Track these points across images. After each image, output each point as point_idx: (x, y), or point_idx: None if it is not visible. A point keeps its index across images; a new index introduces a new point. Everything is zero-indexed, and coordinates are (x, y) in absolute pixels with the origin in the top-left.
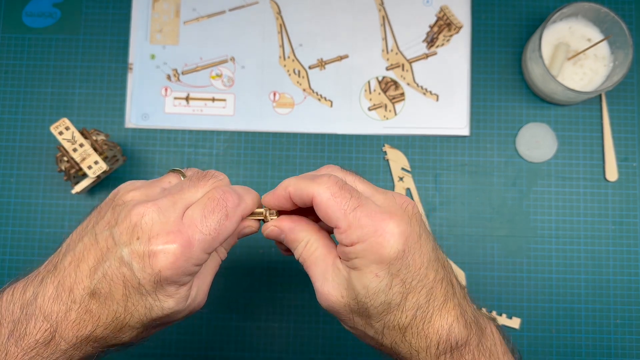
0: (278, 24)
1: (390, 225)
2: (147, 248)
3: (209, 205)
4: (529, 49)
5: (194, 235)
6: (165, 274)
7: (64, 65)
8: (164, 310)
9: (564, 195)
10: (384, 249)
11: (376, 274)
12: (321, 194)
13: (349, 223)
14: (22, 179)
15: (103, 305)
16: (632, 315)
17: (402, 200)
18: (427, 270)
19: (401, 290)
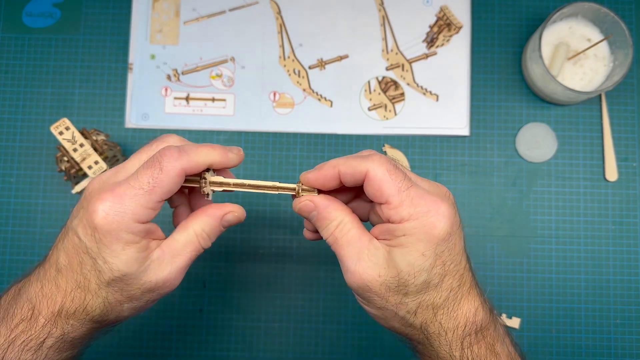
0: (278, 24)
1: (442, 207)
2: (85, 212)
3: (145, 163)
4: (529, 49)
5: (125, 190)
6: (101, 229)
7: (64, 65)
8: (113, 272)
9: (564, 195)
10: (435, 228)
11: (423, 252)
12: (376, 170)
13: (401, 200)
14: (22, 179)
15: (66, 277)
16: (632, 315)
17: (445, 189)
18: (461, 257)
19: (440, 272)
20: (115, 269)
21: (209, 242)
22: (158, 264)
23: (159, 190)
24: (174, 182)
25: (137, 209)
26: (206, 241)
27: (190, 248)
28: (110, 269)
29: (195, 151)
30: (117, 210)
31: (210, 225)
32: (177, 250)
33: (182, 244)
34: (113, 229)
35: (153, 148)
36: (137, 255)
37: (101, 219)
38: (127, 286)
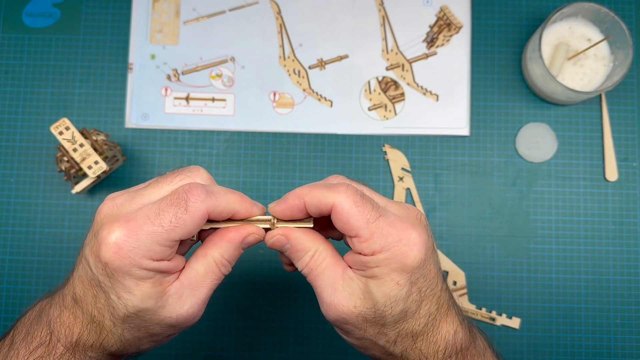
0: (278, 24)
1: (413, 234)
2: (96, 241)
3: (168, 199)
4: (529, 49)
5: (142, 225)
6: (112, 264)
7: (64, 65)
8: (128, 308)
9: (564, 195)
10: (407, 258)
11: (397, 282)
12: (342, 203)
13: (371, 232)
14: (22, 179)
15: (82, 309)
16: (632, 315)
17: (416, 211)
18: (437, 280)
19: (417, 299)
20: (130, 305)
21: (230, 268)
22: (177, 298)
23: (180, 231)
24: (196, 225)
25: (153, 247)
26: (227, 268)
27: (210, 277)
28: (125, 305)
29: (223, 197)
30: (131, 245)
31: (229, 250)
32: (198, 282)
33: (202, 275)
34: (125, 265)
35: (177, 181)
36: (152, 291)
37: (112, 253)
38: (144, 322)
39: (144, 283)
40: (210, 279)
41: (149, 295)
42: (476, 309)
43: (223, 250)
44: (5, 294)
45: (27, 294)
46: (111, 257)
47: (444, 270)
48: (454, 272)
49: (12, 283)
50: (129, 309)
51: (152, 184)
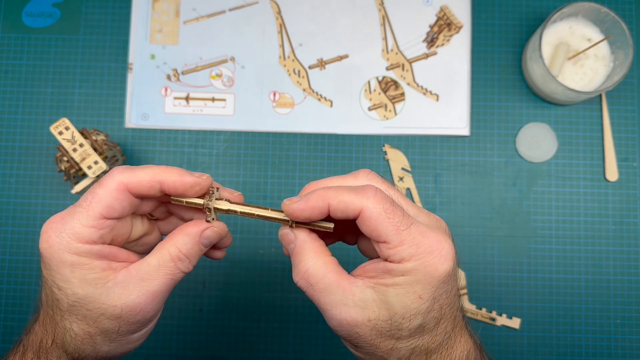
0: (278, 24)
1: (446, 247)
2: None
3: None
4: (529, 49)
5: (69, 211)
6: (45, 253)
7: (64, 65)
8: (68, 297)
9: (564, 195)
10: (436, 270)
11: (420, 295)
12: (371, 209)
13: (401, 240)
14: (22, 179)
15: (43, 311)
16: (632, 315)
17: (443, 223)
18: (456, 297)
19: (437, 316)
20: (70, 293)
21: (188, 264)
22: (123, 286)
23: (97, 204)
24: (113, 196)
25: (77, 228)
26: (185, 263)
27: (164, 271)
28: (66, 294)
29: (143, 168)
30: (57, 230)
31: (186, 245)
32: (148, 273)
33: (154, 267)
34: (54, 251)
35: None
36: (91, 277)
37: (44, 242)
38: (89, 312)
39: (79, 269)
40: (164, 273)
41: (87, 282)
42: (476, 309)
43: (180, 243)
44: (5, 294)
45: (27, 294)
46: (43, 246)
47: None
48: None
49: (12, 283)
50: (69, 297)
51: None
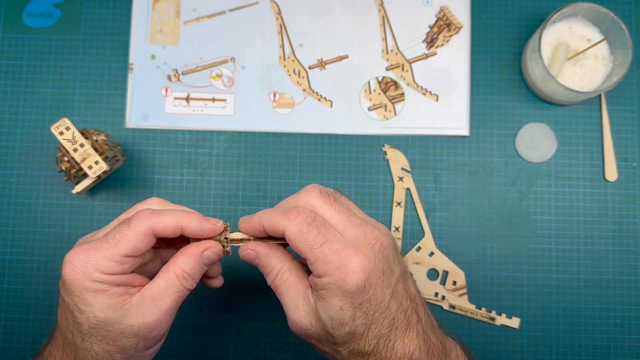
0: (278, 24)
1: (353, 262)
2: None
3: (118, 222)
4: (528, 49)
5: (94, 245)
6: (68, 280)
7: (64, 66)
8: (89, 320)
9: (564, 195)
10: (346, 284)
11: (340, 307)
12: (290, 230)
13: (316, 257)
14: (22, 179)
15: (61, 334)
16: (632, 315)
17: (373, 236)
18: (389, 303)
19: (364, 322)
20: (91, 316)
21: (192, 282)
22: (138, 307)
23: (124, 245)
24: (139, 239)
25: (101, 261)
26: (189, 281)
27: (172, 290)
28: (87, 317)
29: (168, 213)
30: (82, 261)
31: (189, 264)
32: (159, 294)
33: (164, 287)
34: (78, 278)
35: (132, 210)
36: (111, 302)
37: (68, 270)
38: (109, 333)
39: (100, 295)
40: (172, 291)
41: (107, 306)
42: (476, 308)
43: (183, 264)
44: (6, 294)
45: (27, 293)
46: (67, 274)
47: (444, 270)
48: (454, 272)
49: (12, 283)
50: (91, 320)
51: (114, 221)
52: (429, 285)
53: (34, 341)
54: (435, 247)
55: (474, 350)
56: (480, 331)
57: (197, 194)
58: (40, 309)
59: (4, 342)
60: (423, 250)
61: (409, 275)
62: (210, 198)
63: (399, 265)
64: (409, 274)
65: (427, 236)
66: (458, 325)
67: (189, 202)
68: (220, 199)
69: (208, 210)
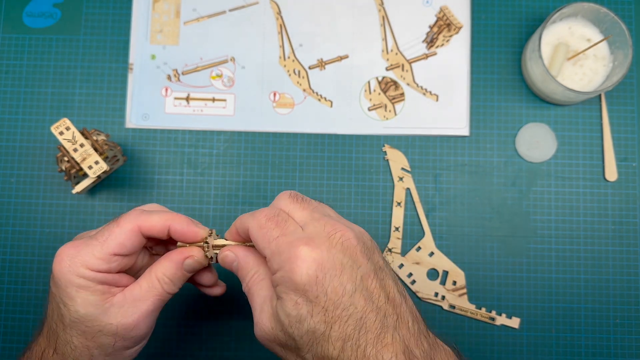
0: (278, 24)
1: (303, 250)
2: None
3: (108, 222)
4: (528, 49)
5: (85, 242)
6: (56, 273)
7: (65, 66)
8: (71, 314)
9: (564, 195)
10: (295, 274)
11: (296, 301)
12: (252, 227)
13: (272, 251)
14: (22, 179)
15: (48, 324)
16: (632, 315)
17: (333, 229)
18: (352, 299)
19: (324, 319)
20: (72, 310)
21: (173, 286)
22: (119, 307)
23: (112, 241)
24: (126, 236)
25: (89, 257)
26: (169, 286)
27: (153, 293)
28: (69, 310)
29: (157, 213)
30: (71, 255)
31: (170, 269)
32: (140, 295)
33: (145, 289)
34: (65, 272)
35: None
36: (93, 298)
37: (56, 263)
38: (88, 329)
39: (83, 291)
40: (153, 294)
41: (88, 302)
42: (476, 308)
43: (165, 268)
44: (6, 294)
45: (27, 293)
46: (55, 267)
47: (444, 270)
48: (454, 272)
49: (12, 283)
50: (72, 314)
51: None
52: (429, 285)
53: None
54: (435, 247)
55: (474, 350)
56: (480, 331)
57: (197, 194)
58: (40, 309)
59: (4, 342)
60: (423, 250)
61: (388, 275)
62: (210, 198)
63: (370, 261)
64: (387, 274)
65: (427, 236)
66: (458, 325)
67: (189, 202)
68: (220, 199)
69: (208, 210)
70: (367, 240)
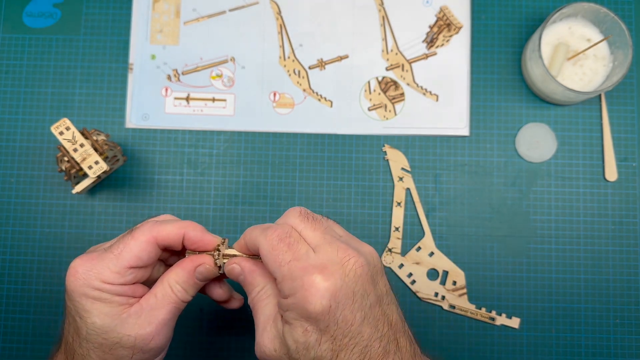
0: (278, 24)
1: (317, 279)
2: None
3: (123, 234)
4: (528, 49)
5: (99, 255)
6: (70, 286)
7: (65, 66)
8: (88, 326)
9: (564, 195)
10: (309, 304)
11: (306, 328)
12: (263, 245)
13: (283, 275)
14: (22, 179)
15: (65, 340)
16: (631, 315)
17: (346, 254)
18: (361, 327)
19: (332, 347)
20: (89, 322)
21: (186, 295)
22: (136, 317)
23: (127, 254)
24: (142, 248)
25: (103, 271)
26: (183, 294)
27: (167, 300)
28: (85, 323)
29: (171, 223)
30: (85, 268)
31: (183, 277)
32: (156, 304)
33: (160, 298)
34: (78, 285)
35: (143, 224)
36: (109, 310)
37: (70, 276)
38: (105, 341)
39: (99, 303)
40: (167, 302)
41: (105, 313)
42: (476, 308)
43: (177, 276)
44: (6, 294)
45: (27, 293)
46: (69, 280)
47: (444, 270)
48: (454, 272)
49: (12, 283)
50: (89, 326)
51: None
52: (429, 285)
53: (34, 341)
54: (435, 247)
55: (474, 350)
56: (480, 331)
57: (197, 194)
58: (40, 309)
59: (4, 342)
60: (423, 250)
61: (392, 301)
62: (210, 198)
63: (377, 288)
64: (390, 299)
65: (427, 236)
66: (458, 325)
67: (189, 202)
68: (220, 199)
69: (208, 210)
70: (376, 262)
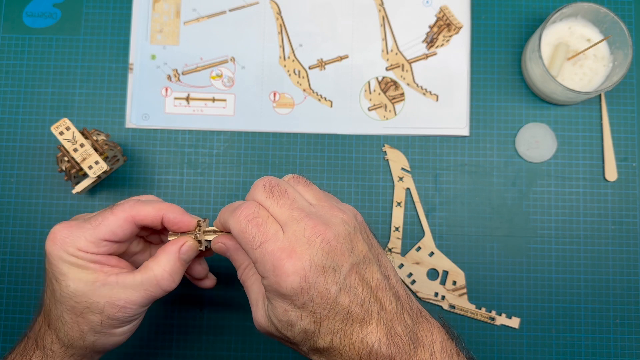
0: (278, 24)
1: (286, 265)
2: None
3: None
4: (528, 49)
5: (79, 224)
6: (49, 250)
7: (65, 66)
8: (62, 288)
9: (564, 195)
10: (281, 287)
11: (284, 308)
12: (233, 229)
13: (255, 258)
14: (22, 179)
15: (43, 304)
16: (632, 315)
17: (313, 232)
18: (337, 299)
19: (313, 320)
20: (63, 285)
21: (172, 282)
22: (109, 288)
23: (103, 227)
24: (118, 225)
25: (80, 239)
26: (168, 282)
27: (144, 288)
28: (60, 285)
29: (151, 203)
30: (63, 235)
31: (170, 262)
32: (132, 285)
33: (138, 282)
34: (57, 249)
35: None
36: (83, 276)
37: (49, 241)
38: (77, 305)
39: (75, 268)
40: (144, 289)
41: (79, 279)
42: (476, 308)
43: (163, 262)
44: (6, 294)
45: (27, 293)
46: (48, 244)
47: (444, 270)
48: (454, 272)
49: (12, 283)
50: (63, 289)
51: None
52: (429, 285)
53: None
54: (435, 247)
55: (474, 350)
56: (480, 331)
57: (197, 194)
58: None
59: (4, 342)
60: (423, 250)
61: (371, 261)
62: (210, 198)
63: (353, 254)
64: (370, 260)
65: (427, 236)
66: (458, 325)
67: (189, 202)
68: (220, 199)
69: (208, 210)
70: (351, 226)
